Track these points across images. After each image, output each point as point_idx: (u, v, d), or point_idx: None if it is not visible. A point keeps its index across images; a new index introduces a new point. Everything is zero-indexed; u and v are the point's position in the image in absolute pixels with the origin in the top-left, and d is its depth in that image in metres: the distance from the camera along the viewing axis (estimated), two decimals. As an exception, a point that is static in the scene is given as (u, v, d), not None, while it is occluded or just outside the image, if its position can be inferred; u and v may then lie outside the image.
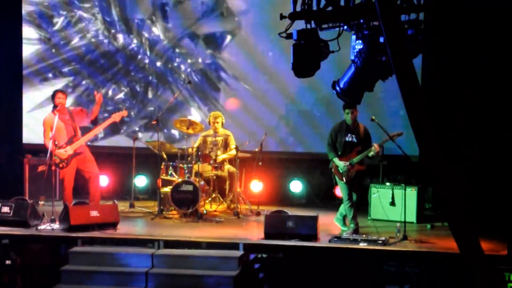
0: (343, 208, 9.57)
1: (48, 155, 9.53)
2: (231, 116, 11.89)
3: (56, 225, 9.29)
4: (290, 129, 11.99)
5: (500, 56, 9.42)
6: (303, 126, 11.92)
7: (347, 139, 9.43)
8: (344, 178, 9.36)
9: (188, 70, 12.13)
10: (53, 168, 9.71)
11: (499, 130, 9.60)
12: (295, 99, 11.92)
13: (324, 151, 10.03)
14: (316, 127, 11.86)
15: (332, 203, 11.59)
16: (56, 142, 9.70)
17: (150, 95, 12.28)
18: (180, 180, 10.31)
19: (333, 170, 9.51)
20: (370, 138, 9.49)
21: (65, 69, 12.41)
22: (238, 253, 8.67)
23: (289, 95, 11.92)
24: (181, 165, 10.52)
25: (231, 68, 12.08)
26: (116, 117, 10.22)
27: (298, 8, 6.50)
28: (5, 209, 9.43)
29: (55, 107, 9.88)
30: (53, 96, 10.01)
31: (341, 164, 9.36)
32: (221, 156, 10.81)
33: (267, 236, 8.94)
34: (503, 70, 9.34)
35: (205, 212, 10.36)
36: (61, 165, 9.81)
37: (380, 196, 10.43)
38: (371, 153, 9.31)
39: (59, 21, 12.31)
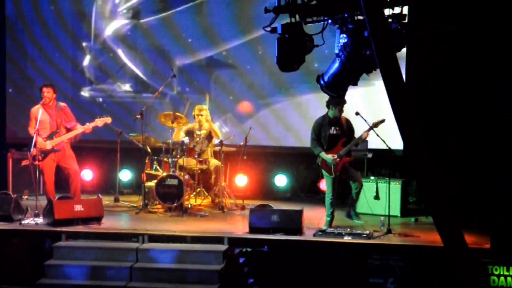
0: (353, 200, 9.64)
1: (31, 149, 9.53)
2: (216, 110, 11.87)
3: (40, 220, 9.26)
4: (275, 123, 11.98)
5: (486, 49, 9.44)
6: (288, 120, 11.92)
7: (331, 132, 9.43)
8: (333, 172, 9.35)
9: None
10: (36, 162, 9.67)
11: (483, 124, 9.64)
12: (280, 93, 11.91)
13: (308, 145, 9.98)
14: (301, 121, 11.87)
15: (316, 197, 11.63)
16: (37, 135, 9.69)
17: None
18: (164, 174, 10.29)
19: (320, 164, 9.49)
20: (353, 129, 9.55)
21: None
22: (223, 247, 8.67)
23: (274, 88, 11.91)
24: (165, 159, 10.50)
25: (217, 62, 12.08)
26: (99, 122, 10.15)
27: (283, 2, 6.51)
28: (-12, 204, 9.39)
29: (42, 99, 9.89)
30: (40, 89, 10.00)
31: (328, 157, 9.33)
32: (206, 146, 10.76)
33: (252, 230, 8.95)
34: (489, 64, 9.36)
35: (189, 206, 10.35)
36: (37, 158, 9.74)
37: (365, 190, 10.43)
38: (362, 138, 9.35)
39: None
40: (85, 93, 12.37)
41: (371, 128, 9.30)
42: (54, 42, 12.33)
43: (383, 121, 9.30)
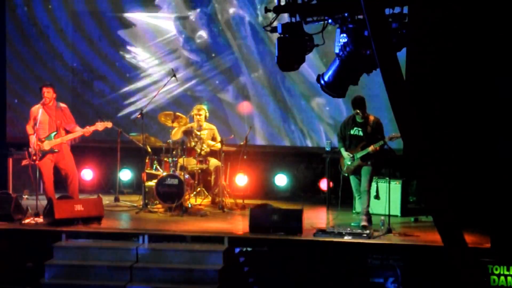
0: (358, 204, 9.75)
1: (30, 148, 9.57)
2: (216, 110, 11.87)
3: (40, 219, 9.25)
4: (275, 123, 11.98)
5: (485, 49, 9.44)
6: (288, 120, 11.92)
7: (352, 132, 9.53)
8: (343, 170, 9.61)
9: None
10: (36, 162, 9.67)
11: (483, 123, 9.64)
12: (280, 92, 11.91)
13: (308, 145, 10.05)
14: (301, 121, 11.88)
15: (316, 197, 11.63)
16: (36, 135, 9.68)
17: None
18: (165, 174, 10.29)
19: (340, 160, 9.75)
20: (381, 131, 9.45)
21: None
22: (223, 246, 8.68)
23: (274, 88, 11.91)
24: (165, 158, 10.49)
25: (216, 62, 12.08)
26: (99, 126, 10.12)
27: (283, 2, 6.51)
28: (-11, 203, 9.39)
29: (42, 99, 9.89)
30: (40, 89, 10.00)
31: (345, 154, 9.54)
32: (209, 142, 10.75)
33: (252, 229, 8.95)
34: (489, 63, 9.36)
35: (190, 206, 10.35)
36: (34, 157, 9.73)
37: (365, 190, 10.45)
38: (369, 150, 9.35)
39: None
40: (89, 91, 12.37)
41: (384, 142, 9.33)
42: (57, 40, 12.33)
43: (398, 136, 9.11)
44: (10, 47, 12.32)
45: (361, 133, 9.47)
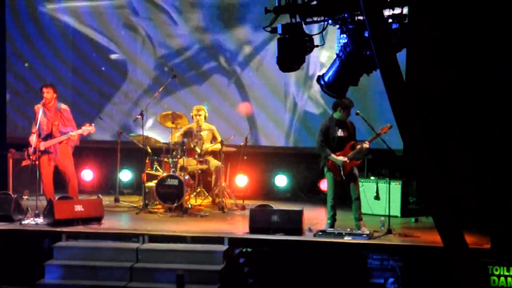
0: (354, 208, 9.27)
1: (31, 150, 9.56)
2: (216, 110, 11.87)
3: (40, 220, 9.25)
4: (275, 123, 11.99)
5: (485, 49, 9.45)
6: (288, 120, 11.93)
7: (339, 134, 9.12)
8: (342, 175, 9.04)
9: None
10: (36, 162, 9.67)
11: (483, 123, 9.64)
12: (280, 93, 11.92)
13: (309, 145, 10.00)
14: (301, 121, 11.88)
15: (316, 197, 11.63)
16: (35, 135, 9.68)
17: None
18: (165, 174, 10.29)
19: (327, 167, 9.14)
20: (355, 132, 9.29)
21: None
22: (223, 247, 8.67)
23: (274, 89, 11.92)
24: (166, 159, 10.50)
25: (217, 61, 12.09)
26: (84, 130, 9.99)
27: (283, 2, 6.52)
28: (-11, 204, 9.39)
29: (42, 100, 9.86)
30: (40, 90, 9.96)
31: (339, 159, 9.00)
32: (208, 146, 10.77)
33: (252, 230, 8.95)
34: (488, 64, 9.37)
35: (190, 206, 10.35)
36: (32, 157, 9.70)
37: (365, 190, 10.40)
38: (364, 147, 9.09)
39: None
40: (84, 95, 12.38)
41: (377, 135, 9.09)
42: (52, 41, 12.34)
43: (390, 127, 8.97)
44: (11, 46, 12.34)
45: (347, 134, 9.13)
